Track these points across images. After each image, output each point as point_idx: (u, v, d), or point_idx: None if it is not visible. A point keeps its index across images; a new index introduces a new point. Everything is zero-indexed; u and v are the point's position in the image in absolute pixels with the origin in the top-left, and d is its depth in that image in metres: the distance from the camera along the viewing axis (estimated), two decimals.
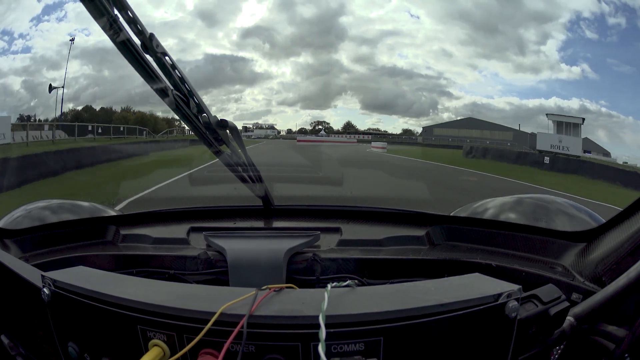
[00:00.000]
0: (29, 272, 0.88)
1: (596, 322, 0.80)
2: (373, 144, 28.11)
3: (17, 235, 1.29)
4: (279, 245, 1.11)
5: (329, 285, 0.71)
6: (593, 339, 0.80)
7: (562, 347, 0.84)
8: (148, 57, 0.96)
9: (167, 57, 0.99)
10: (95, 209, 1.67)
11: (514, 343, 0.70)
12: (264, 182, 1.41)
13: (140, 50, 0.93)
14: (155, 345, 0.67)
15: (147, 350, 0.68)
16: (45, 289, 0.79)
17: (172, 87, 1.03)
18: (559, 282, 0.93)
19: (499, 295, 0.68)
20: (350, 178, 8.74)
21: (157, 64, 0.99)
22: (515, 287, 0.70)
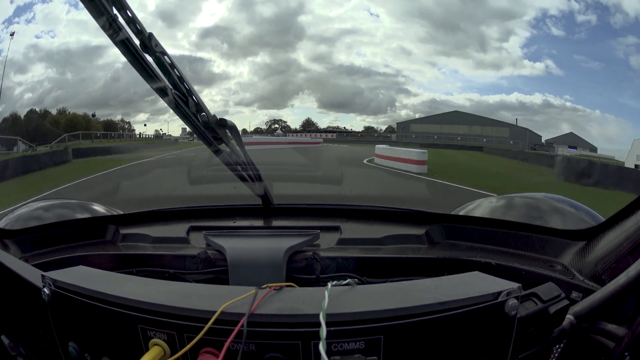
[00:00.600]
0: (29, 272, 0.88)
1: (596, 321, 0.80)
2: (378, 148, 17.31)
3: (17, 235, 1.29)
4: (279, 244, 1.11)
5: (329, 284, 0.71)
6: (593, 337, 0.80)
7: (562, 345, 0.84)
8: (147, 56, 0.96)
9: (165, 57, 0.99)
10: (96, 208, 1.67)
11: (514, 341, 0.70)
12: (264, 181, 1.41)
13: (140, 49, 0.93)
14: (156, 344, 0.68)
15: (147, 349, 0.68)
16: (45, 289, 0.79)
17: (171, 87, 1.03)
18: (558, 280, 0.93)
19: (499, 293, 0.68)
20: None
21: (156, 64, 0.99)
22: (514, 285, 0.70)
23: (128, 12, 0.89)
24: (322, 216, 1.46)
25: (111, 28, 0.87)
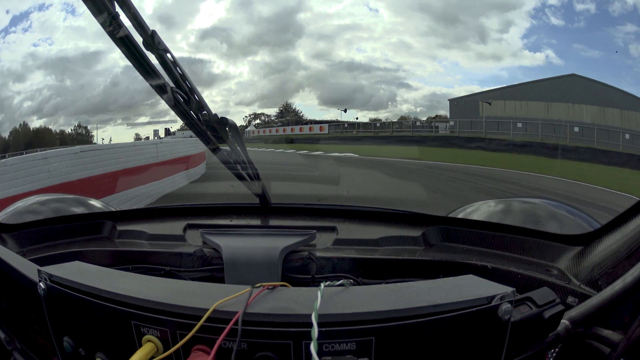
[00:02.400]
0: (26, 267, 0.89)
1: (592, 326, 0.80)
2: None
3: (15, 230, 1.30)
4: (275, 243, 1.11)
5: (322, 284, 0.71)
6: (588, 342, 0.80)
7: (556, 350, 0.84)
8: (149, 54, 0.96)
9: (168, 54, 0.99)
10: (93, 204, 1.68)
11: (507, 345, 0.70)
12: (262, 180, 1.41)
13: (140, 47, 0.93)
14: (149, 341, 0.68)
15: (140, 345, 0.68)
16: (41, 284, 0.79)
17: (172, 84, 1.03)
18: (554, 285, 0.93)
19: (493, 297, 0.68)
20: None
21: (158, 61, 0.99)
22: (509, 289, 0.70)
23: (130, 9, 0.89)
24: (318, 216, 1.47)
25: (111, 25, 0.87)
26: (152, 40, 0.94)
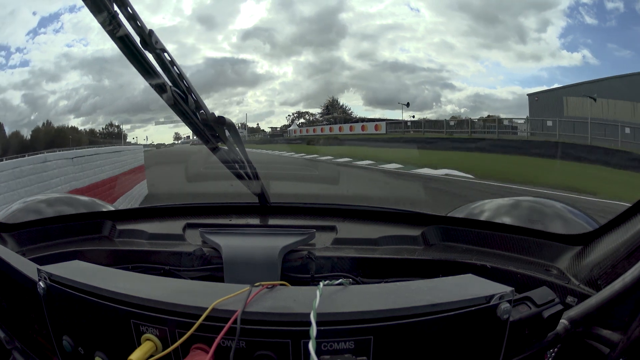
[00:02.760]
0: (26, 266, 0.89)
1: (591, 326, 0.79)
2: None
3: (15, 229, 1.30)
4: (274, 242, 1.11)
5: (321, 283, 0.71)
6: (587, 342, 0.80)
7: (555, 350, 0.84)
8: (147, 53, 0.97)
9: (165, 54, 0.99)
10: (93, 203, 1.68)
11: (506, 345, 0.70)
12: (261, 179, 1.41)
13: (139, 46, 0.93)
14: (148, 339, 0.68)
15: (139, 344, 0.69)
16: (41, 283, 0.79)
17: (170, 84, 1.03)
18: (553, 284, 0.93)
19: (491, 296, 0.68)
20: None
21: (156, 61, 0.99)
22: (507, 288, 0.69)
23: (129, 8, 0.89)
24: (318, 215, 1.47)
25: (111, 25, 0.87)
26: (150, 39, 0.94)
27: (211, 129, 1.17)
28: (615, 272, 0.86)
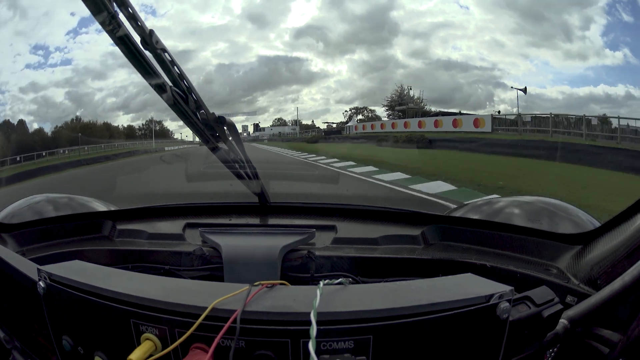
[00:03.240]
0: (26, 266, 0.89)
1: (590, 326, 0.80)
2: None
3: (15, 229, 1.30)
4: (274, 242, 1.11)
5: (321, 283, 0.71)
6: (587, 342, 0.80)
7: (555, 349, 0.84)
8: (147, 53, 0.96)
9: (166, 54, 0.99)
10: (93, 203, 1.68)
11: (505, 344, 0.70)
12: (260, 179, 1.41)
13: (139, 46, 0.93)
14: (147, 339, 0.68)
15: (139, 344, 0.69)
16: (41, 283, 0.79)
17: (170, 84, 1.03)
18: (553, 284, 0.93)
19: (491, 296, 0.68)
20: None
21: (156, 60, 0.99)
22: (507, 288, 0.70)
23: (129, 8, 0.89)
24: (318, 215, 1.47)
25: (111, 25, 0.87)
26: (151, 39, 0.94)
27: (211, 129, 1.17)
28: (615, 271, 0.86)
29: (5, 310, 0.97)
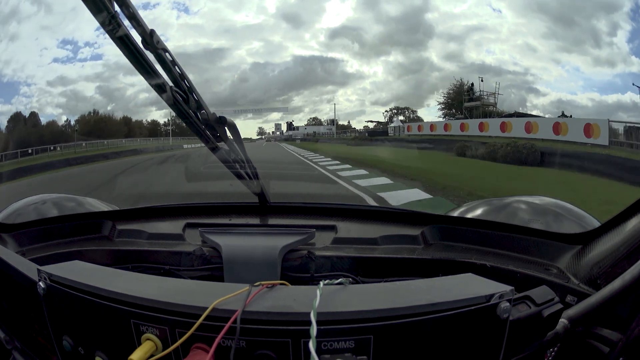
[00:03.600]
0: (26, 266, 0.89)
1: (591, 325, 0.80)
2: None
3: (14, 230, 1.30)
4: (274, 242, 1.11)
5: (321, 283, 0.71)
6: (587, 341, 0.80)
7: (555, 349, 0.84)
8: (148, 53, 0.96)
9: (167, 54, 0.99)
10: (93, 203, 1.68)
11: (506, 344, 0.70)
12: (260, 179, 1.41)
13: (140, 46, 0.93)
14: (148, 339, 0.68)
15: (140, 344, 0.69)
16: (41, 283, 0.79)
17: (171, 84, 1.03)
18: (553, 283, 0.93)
19: (491, 296, 0.68)
20: None
21: (157, 60, 0.99)
22: (507, 288, 0.70)
23: (129, 8, 0.89)
24: (317, 215, 1.47)
25: (110, 24, 0.87)
26: (151, 39, 0.94)
27: (212, 129, 1.17)
28: (615, 271, 0.86)
29: (5, 311, 0.97)
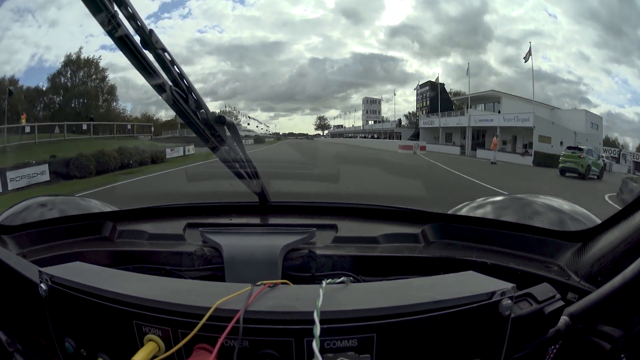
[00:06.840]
0: (27, 268, 0.89)
1: (592, 322, 0.80)
2: None
3: (15, 231, 1.29)
4: (275, 241, 1.11)
5: (323, 282, 0.71)
6: (589, 338, 0.81)
7: (557, 346, 0.84)
8: (147, 53, 0.96)
9: (166, 53, 0.99)
10: (93, 204, 1.68)
11: (508, 341, 0.70)
12: (260, 178, 1.41)
13: (139, 46, 0.93)
14: (151, 340, 0.68)
15: (142, 345, 0.69)
16: (42, 285, 0.79)
17: (170, 83, 1.03)
18: (554, 281, 0.93)
19: (493, 293, 0.68)
20: None
21: (156, 60, 0.99)
22: (509, 285, 0.70)
23: (129, 8, 0.89)
24: (318, 214, 1.47)
25: (110, 24, 0.87)
26: (150, 39, 0.94)
27: (211, 129, 1.17)
28: (616, 268, 0.87)
29: (6, 313, 0.97)
